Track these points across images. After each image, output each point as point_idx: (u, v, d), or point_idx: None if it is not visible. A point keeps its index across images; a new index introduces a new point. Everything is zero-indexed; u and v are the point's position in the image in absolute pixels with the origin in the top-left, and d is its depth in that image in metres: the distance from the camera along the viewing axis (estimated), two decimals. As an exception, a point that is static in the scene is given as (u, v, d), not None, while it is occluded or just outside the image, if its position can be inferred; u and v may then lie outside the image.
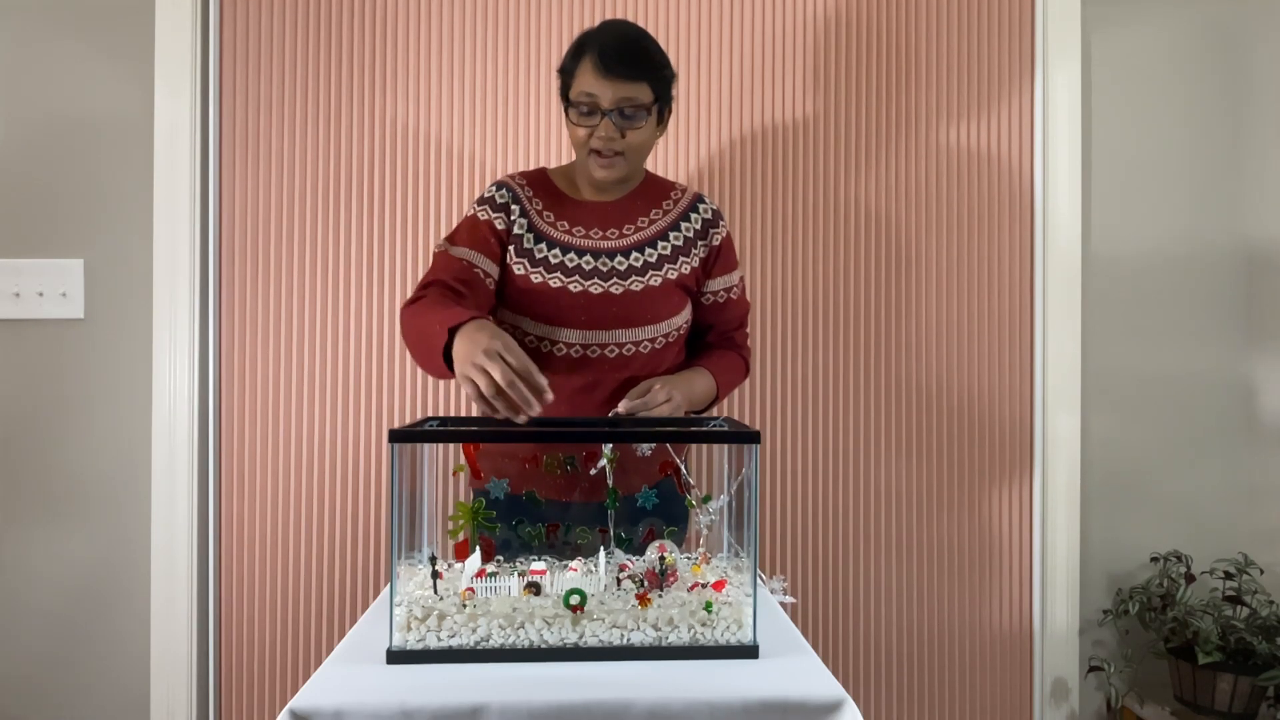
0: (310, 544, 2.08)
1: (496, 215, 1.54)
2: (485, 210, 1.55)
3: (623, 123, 1.47)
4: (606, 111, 1.45)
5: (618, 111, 1.45)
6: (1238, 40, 2.20)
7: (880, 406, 2.16)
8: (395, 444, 1.13)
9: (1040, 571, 2.17)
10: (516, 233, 1.54)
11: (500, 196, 1.56)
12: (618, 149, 1.48)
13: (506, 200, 1.55)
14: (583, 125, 1.48)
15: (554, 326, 1.52)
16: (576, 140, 1.51)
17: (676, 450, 1.43)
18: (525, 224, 1.55)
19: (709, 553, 1.31)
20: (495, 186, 1.58)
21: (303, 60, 2.07)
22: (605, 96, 1.45)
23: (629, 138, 1.48)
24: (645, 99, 1.47)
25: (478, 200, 1.58)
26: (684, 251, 1.58)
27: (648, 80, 1.46)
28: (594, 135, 1.47)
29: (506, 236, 1.54)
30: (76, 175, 2.03)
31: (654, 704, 1.00)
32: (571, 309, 1.51)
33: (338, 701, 0.98)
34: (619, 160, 1.50)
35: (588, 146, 1.49)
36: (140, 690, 2.04)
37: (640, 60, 1.46)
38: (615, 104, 1.45)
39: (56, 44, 2.02)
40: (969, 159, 2.17)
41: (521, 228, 1.54)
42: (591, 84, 1.45)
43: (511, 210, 1.55)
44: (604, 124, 1.46)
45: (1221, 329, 2.21)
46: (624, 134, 1.47)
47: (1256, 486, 2.21)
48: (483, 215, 1.55)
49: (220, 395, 2.07)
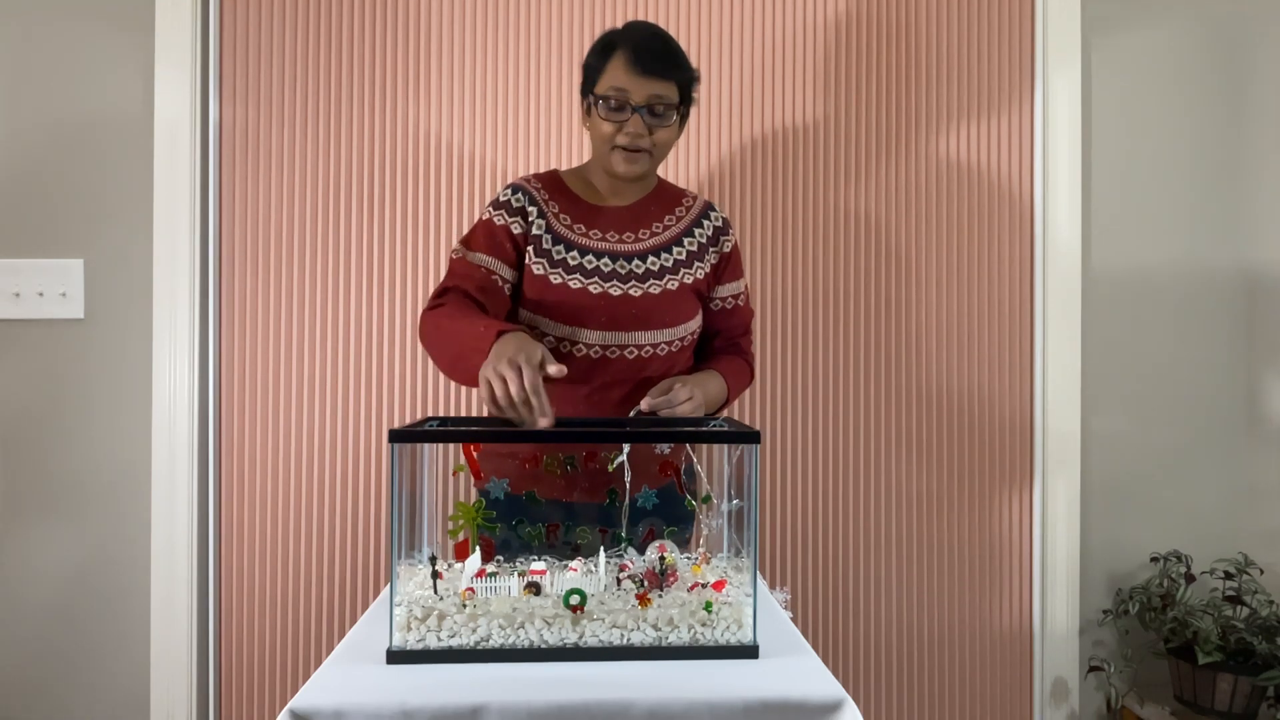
0: (310, 544, 2.08)
1: (513, 220, 1.53)
2: (501, 215, 1.54)
3: (652, 120, 1.48)
4: (637, 108, 1.46)
5: (648, 109, 1.46)
6: (1239, 44, 2.20)
7: (881, 408, 2.16)
8: (395, 444, 1.13)
9: (1040, 571, 2.17)
10: (535, 233, 1.53)
11: (516, 200, 1.54)
12: (644, 146, 1.49)
13: (523, 203, 1.54)
14: (611, 120, 1.48)
15: (574, 327, 1.51)
16: (601, 135, 1.50)
17: (683, 451, 1.43)
18: (544, 225, 1.54)
19: (709, 553, 1.31)
20: (510, 190, 1.56)
21: (303, 60, 2.07)
22: (637, 93, 1.45)
23: (656, 135, 1.49)
24: (673, 98, 1.48)
25: (492, 204, 1.56)
26: (698, 257, 1.59)
27: (676, 80, 1.48)
28: (621, 131, 1.48)
29: (524, 240, 1.53)
30: (77, 175, 2.03)
31: (654, 704, 1.00)
32: (592, 310, 1.50)
33: (338, 701, 0.98)
34: (643, 157, 1.50)
35: (612, 142, 1.49)
36: (140, 690, 2.04)
37: (671, 60, 1.48)
38: (647, 101, 1.46)
39: (57, 43, 2.02)
40: (969, 164, 2.17)
41: (540, 228, 1.53)
42: (623, 79, 1.46)
43: (529, 213, 1.54)
44: (634, 120, 1.47)
45: (1222, 329, 2.21)
46: (652, 131, 1.48)
47: (1256, 486, 2.21)
48: (499, 220, 1.53)
49: (220, 395, 2.07)
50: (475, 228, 1.56)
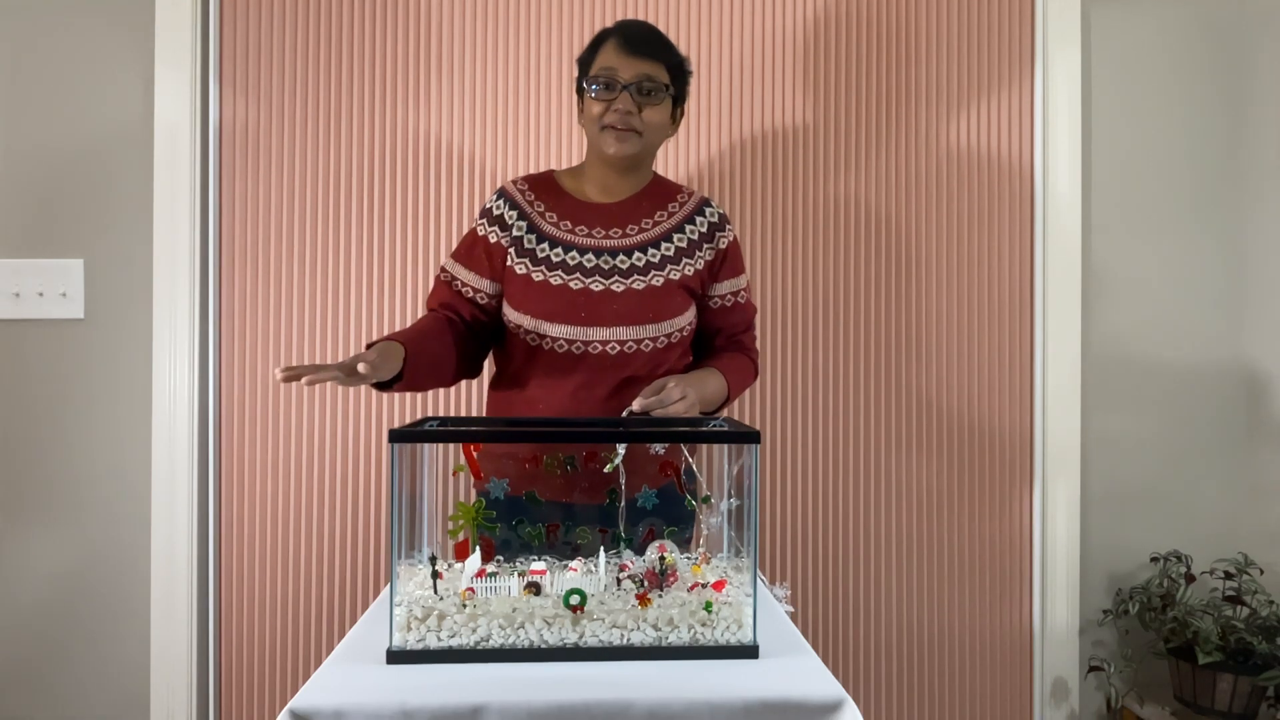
0: (310, 544, 2.08)
1: (492, 229, 1.58)
2: (483, 225, 1.60)
3: (641, 99, 1.50)
4: (625, 85, 1.49)
5: (636, 86, 1.49)
6: (1239, 26, 2.20)
7: (881, 406, 2.16)
8: (395, 444, 1.13)
9: (1040, 571, 2.17)
10: (516, 235, 1.56)
11: (497, 208, 1.59)
12: (634, 125, 1.50)
13: (503, 210, 1.58)
14: (600, 100, 1.51)
15: (553, 323, 1.52)
16: (591, 117, 1.53)
17: (681, 450, 1.43)
18: (525, 226, 1.57)
19: (709, 553, 1.31)
20: (495, 196, 1.61)
21: (303, 60, 2.07)
22: (625, 71, 1.49)
23: (645, 115, 1.51)
24: (663, 79, 1.51)
25: (480, 213, 1.62)
26: (688, 253, 1.59)
27: (665, 62, 1.52)
28: (610, 109, 1.50)
29: (503, 248, 1.57)
30: (77, 175, 2.03)
31: (654, 704, 1.00)
32: (570, 306, 1.52)
33: (338, 701, 0.98)
34: (633, 137, 1.52)
35: (601, 122, 1.51)
36: (140, 690, 2.04)
37: (659, 44, 1.53)
38: (635, 78, 1.49)
39: (57, 43, 2.02)
40: (968, 153, 2.17)
41: (521, 230, 1.57)
42: (612, 60, 1.50)
43: (508, 218, 1.58)
44: (622, 97, 1.49)
45: (1222, 329, 2.21)
46: (641, 109, 1.50)
47: (1256, 486, 2.21)
48: (480, 230, 1.60)
49: (220, 395, 2.07)
50: (463, 238, 1.64)
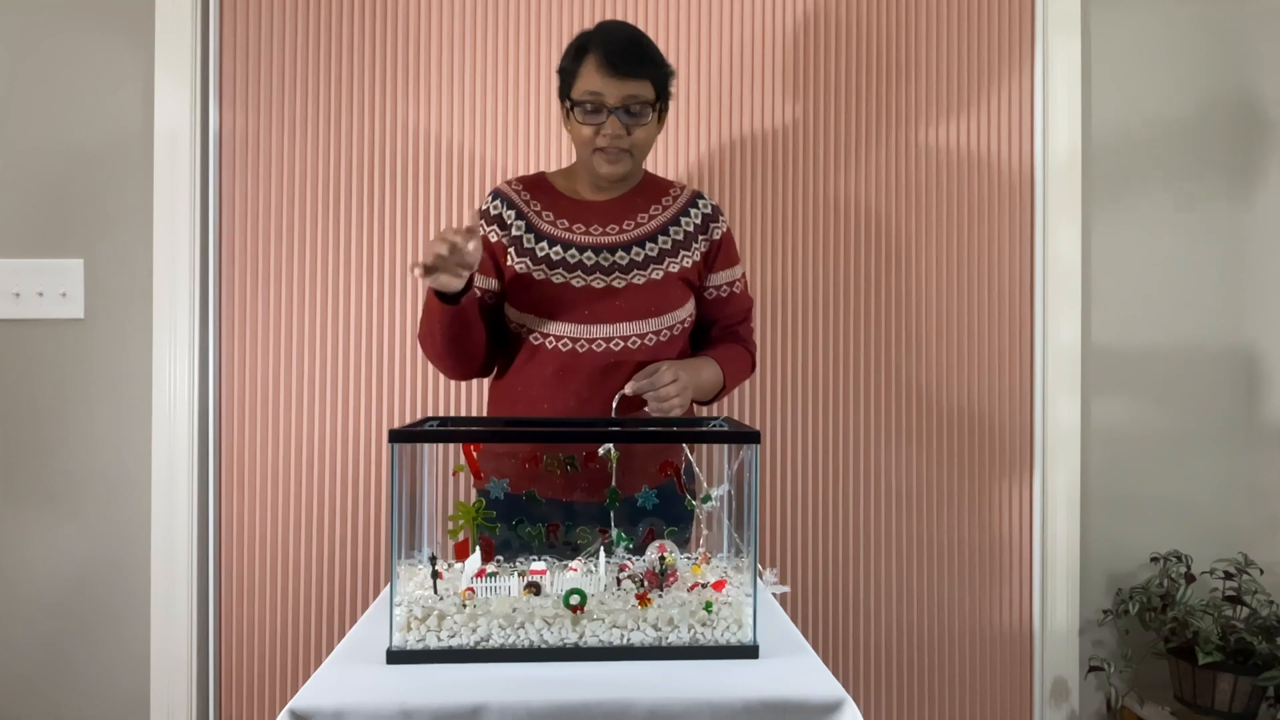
0: (310, 544, 2.08)
1: (491, 229, 1.58)
2: (481, 225, 1.59)
3: (629, 120, 1.49)
4: (613, 109, 1.48)
5: (624, 109, 1.48)
6: (1239, 20, 2.19)
7: (880, 404, 2.16)
8: (395, 444, 1.13)
9: (1040, 571, 2.17)
10: (515, 234, 1.57)
11: (494, 208, 1.60)
12: (623, 146, 1.51)
13: (500, 210, 1.59)
14: (588, 124, 1.50)
15: (557, 321, 1.53)
16: (581, 139, 1.52)
17: (682, 449, 1.43)
18: (523, 225, 1.58)
19: (709, 553, 1.31)
20: (490, 196, 1.62)
21: (303, 61, 2.07)
22: (611, 95, 1.47)
23: (634, 135, 1.51)
24: (649, 96, 1.50)
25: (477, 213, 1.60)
26: (684, 246, 1.60)
27: (650, 78, 1.50)
28: (600, 133, 1.49)
29: (503, 247, 1.57)
30: (77, 176, 2.03)
31: (654, 704, 1.00)
32: (573, 304, 1.53)
33: (338, 701, 0.98)
34: (624, 157, 1.52)
35: (592, 145, 1.51)
36: (140, 690, 2.04)
37: (643, 58, 1.50)
38: (622, 102, 1.48)
39: (58, 48, 2.02)
40: (967, 150, 2.17)
41: (520, 229, 1.57)
42: (597, 83, 1.48)
43: (506, 217, 1.58)
44: (610, 121, 1.48)
45: (1222, 329, 2.21)
46: (630, 131, 1.50)
47: (1256, 486, 2.21)
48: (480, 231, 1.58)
49: (220, 395, 2.07)
50: None
